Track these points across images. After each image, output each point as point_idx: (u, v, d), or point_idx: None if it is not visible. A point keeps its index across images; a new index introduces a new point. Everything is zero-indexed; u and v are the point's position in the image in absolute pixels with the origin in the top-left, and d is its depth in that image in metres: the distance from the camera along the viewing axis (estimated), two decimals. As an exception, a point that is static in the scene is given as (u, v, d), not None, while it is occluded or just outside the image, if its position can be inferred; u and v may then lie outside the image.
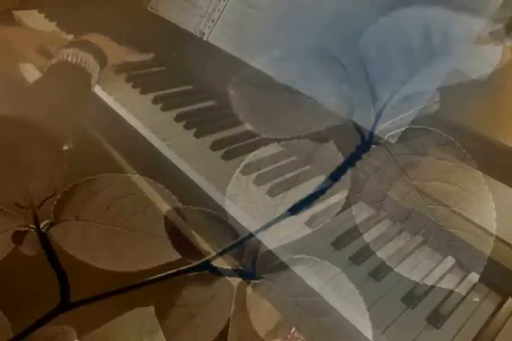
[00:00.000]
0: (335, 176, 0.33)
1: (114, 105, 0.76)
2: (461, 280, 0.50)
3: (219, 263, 0.32)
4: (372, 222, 0.55)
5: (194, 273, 0.32)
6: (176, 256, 0.32)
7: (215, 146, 0.67)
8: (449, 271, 0.50)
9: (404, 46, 0.33)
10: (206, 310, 0.32)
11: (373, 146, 0.33)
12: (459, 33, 0.33)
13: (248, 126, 0.34)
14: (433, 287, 0.48)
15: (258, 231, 0.33)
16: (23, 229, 0.31)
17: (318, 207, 0.49)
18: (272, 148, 0.59)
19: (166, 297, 0.31)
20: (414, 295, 0.47)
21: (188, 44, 0.84)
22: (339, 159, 0.34)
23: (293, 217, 0.34)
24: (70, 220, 0.31)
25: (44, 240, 0.31)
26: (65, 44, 0.71)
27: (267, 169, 0.59)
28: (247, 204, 0.38)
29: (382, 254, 0.51)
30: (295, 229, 0.37)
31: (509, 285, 0.48)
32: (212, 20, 0.80)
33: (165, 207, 0.33)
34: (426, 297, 0.47)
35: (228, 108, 0.57)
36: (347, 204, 0.39)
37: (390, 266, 0.49)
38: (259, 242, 0.33)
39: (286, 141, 0.36)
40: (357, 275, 0.49)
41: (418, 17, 0.34)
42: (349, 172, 0.33)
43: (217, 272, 0.32)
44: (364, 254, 0.51)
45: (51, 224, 0.31)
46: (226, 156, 0.65)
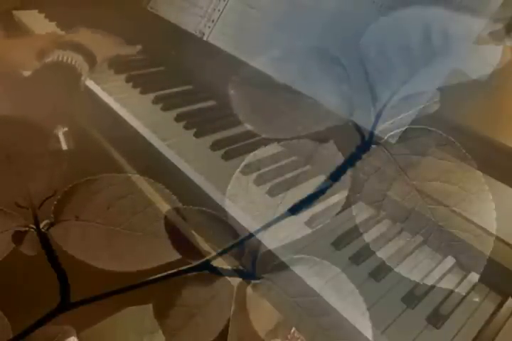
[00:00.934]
0: (335, 176, 0.33)
1: (115, 105, 0.76)
2: (461, 280, 0.50)
3: (219, 263, 0.32)
4: (372, 222, 0.55)
5: (194, 273, 0.32)
6: (176, 256, 0.32)
7: (215, 146, 0.67)
8: (449, 271, 0.50)
9: (404, 46, 0.33)
10: (206, 310, 0.32)
11: (373, 146, 0.33)
12: (459, 33, 0.33)
13: (248, 126, 0.34)
14: (433, 287, 0.48)
15: (258, 231, 0.33)
16: (23, 229, 0.31)
17: (318, 207, 0.49)
18: (272, 148, 0.59)
19: (166, 297, 0.31)
20: (414, 295, 0.47)
21: (187, 44, 0.84)
22: (339, 159, 0.34)
23: (293, 217, 0.34)
24: (70, 220, 0.31)
25: (44, 240, 0.31)
26: (58, 45, 0.77)
27: (267, 169, 0.59)
28: (247, 204, 0.38)
29: (382, 254, 0.51)
30: (295, 229, 0.37)
31: (509, 285, 0.48)
32: (212, 20, 0.80)
33: (165, 207, 0.33)
34: (426, 297, 0.47)
35: (228, 108, 0.57)
36: (347, 204, 0.39)
37: (390, 266, 0.49)
38: (259, 242, 0.33)
39: (286, 141, 0.36)
40: (357, 276, 0.48)
41: (418, 17, 0.34)
42: (349, 172, 0.33)
43: (217, 272, 0.32)
44: (364, 254, 0.51)
45: (51, 224, 0.31)
46: (226, 156, 0.65)
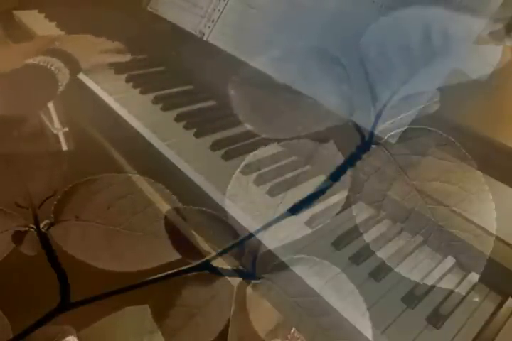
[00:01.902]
0: (335, 176, 0.33)
1: (115, 105, 0.76)
2: (461, 280, 0.50)
3: (219, 263, 0.32)
4: (372, 222, 0.55)
5: (194, 273, 0.32)
6: (176, 256, 0.32)
7: (215, 146, 0.67)
8: (449, 271, 0.50)
9: (404, 46, 0.33)
10: (206, 310, 0.31)
11: (373, 146, 0.33)
12: (459, 33, 0.33)
13: (248, 126, 0.34)
14: (433, 287, 0.48)
15: (258, 231, 0.33)
16: (23, 229, 0.31)
17: (318, 207, 0.49)
18: (272, 148, 0.59)
19: (166, 297, 0.31)
20: (414, 295, 0.47)
21: (187, 44, 0.83)
22: (339, 159, 0.34)
23: (293, 217, 0.34)
24: (70, 220, 0.31)
25: (44, 240, 0.31)
26: (43, 52, 0.78)
27: (267, 169, 0.59)
28: (247, 204, 0.38)
29: (382, 254, 0.51)
30: (295, 229, 0.37)
31: (509, 285, 0.48)
32: (212, 20, 0.80)
33: (165, 207, 0.33)
34: (426, 297, 0.47)
35: (228, 108, 0.57)
36: (347, 204, 0.39)
37: (390, 266, 0.49)
38: (259, 242, 0.33)
39: (286, 141, 0.36)
40: (357, 276, 0.48)
41: (418, 17, 0.34)
42: (349, 172, 0.33)
43: (217, 272, 0.32)
44: (364, 254, 0.51)
45: (51, 224, 0.31)
46: (226, 156, 0.65)
